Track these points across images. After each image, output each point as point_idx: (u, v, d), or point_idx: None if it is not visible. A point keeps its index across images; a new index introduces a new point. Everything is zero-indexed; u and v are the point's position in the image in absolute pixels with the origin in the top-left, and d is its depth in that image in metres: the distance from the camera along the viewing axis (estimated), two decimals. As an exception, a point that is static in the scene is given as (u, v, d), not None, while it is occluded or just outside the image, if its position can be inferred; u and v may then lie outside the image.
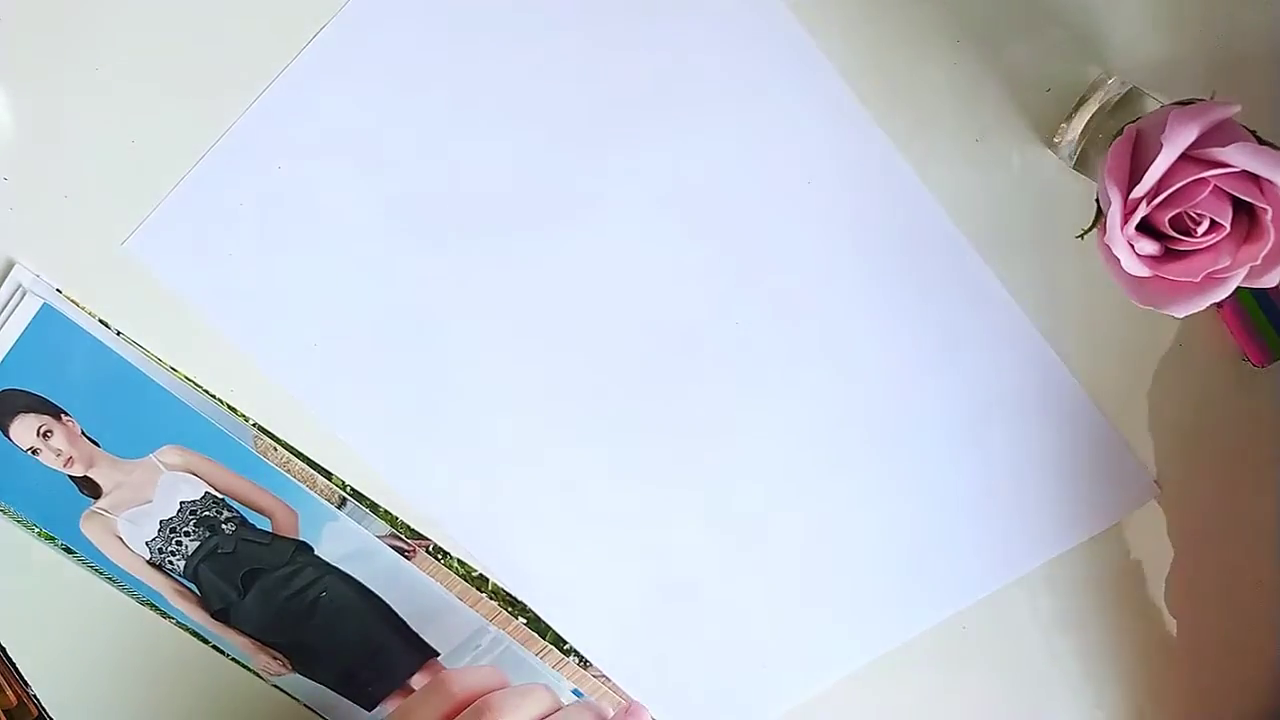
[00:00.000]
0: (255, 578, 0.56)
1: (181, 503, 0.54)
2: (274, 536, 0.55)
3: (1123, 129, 0.44)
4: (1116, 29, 0.50)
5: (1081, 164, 0.50)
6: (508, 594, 0.57)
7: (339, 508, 0.55)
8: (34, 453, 0.53)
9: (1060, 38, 0.50)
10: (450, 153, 0.51)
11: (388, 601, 0.57)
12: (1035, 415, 0.55)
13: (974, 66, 0.51)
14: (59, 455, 0.53)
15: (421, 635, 0.57)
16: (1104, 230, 0.43)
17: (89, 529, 0.55)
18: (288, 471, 0.54)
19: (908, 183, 0.52)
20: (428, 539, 0.56)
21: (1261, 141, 0.42)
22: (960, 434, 0.55)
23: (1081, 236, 0.47)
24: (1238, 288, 0.43)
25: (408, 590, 0.56)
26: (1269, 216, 0.41)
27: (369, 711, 0.59)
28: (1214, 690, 0.60)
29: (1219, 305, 0.54)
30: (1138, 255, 0.43)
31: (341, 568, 0.56)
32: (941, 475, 0.56)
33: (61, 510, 0.54)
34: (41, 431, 0.53)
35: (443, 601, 0.57)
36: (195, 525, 0.55)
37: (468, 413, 0.54)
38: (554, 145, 0.51)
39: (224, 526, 0.55)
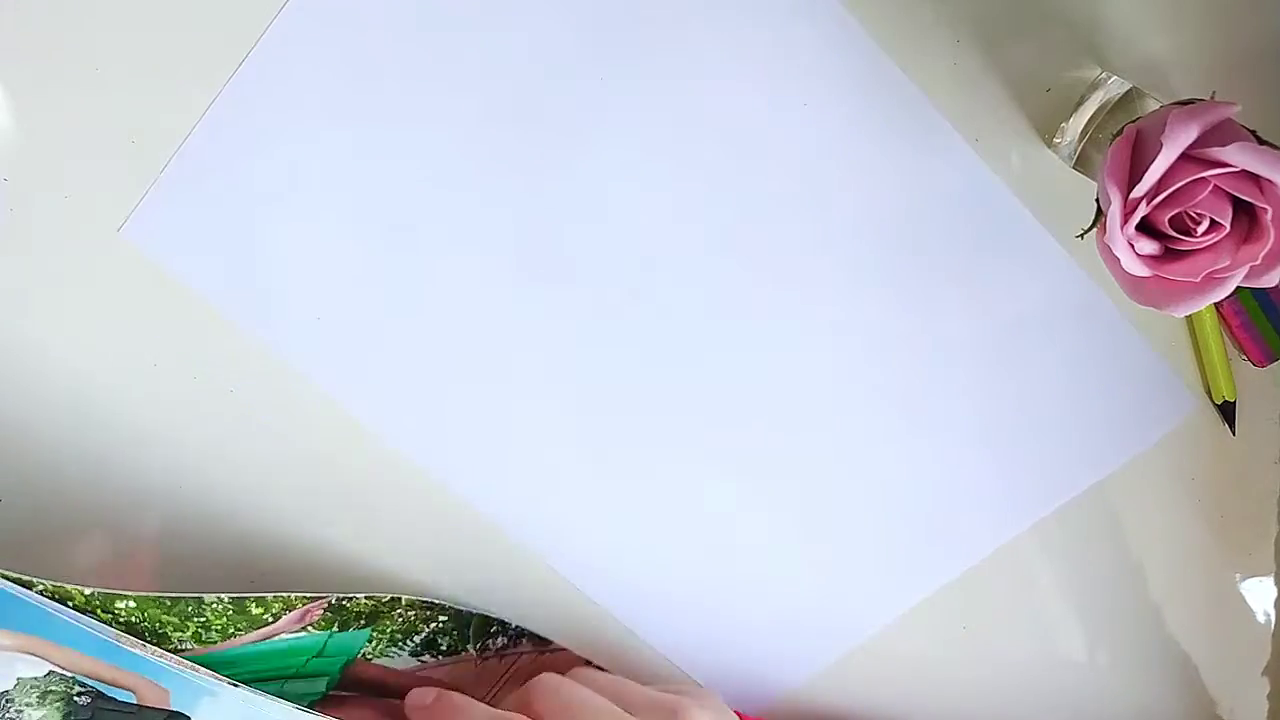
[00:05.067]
0: None
1: (19, 679, 0.45)
2: (140, 707, 0.45)
3: (1123, 129, 0.44)
4: (1116, 29, 0.50)
5: (1081, 164, 0.50)
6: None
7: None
8: None
9: (1060, 38, 0.50)
10: (444, 114, 0.49)
11: None
12: (1065, 333, 0.54)
13: (974, 66, 0.51)
14: None
15: None
16: (1104, 230, 0.43)
17: None
18: (163, 660, 0.45)
19: (914, 97, 0.51)
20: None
21: (1261, 141, 0.42)
22: (989, 354, 0.54)
23: (1081, 236, 0.47)
24: (1238, 288, 0.43)
25: None
26: (1269, 216, 0.41)
27: None
28: (1209, 685, 0.60)
29: (1219, 305, 0.54)
30: (1138, 255, 0.43)
31: None
32: (975, 401, 0.55)
33: None
34: None
35: None
36: (39, 698, 0.45)
37: (480, 390, 0.53)
38: (550, 86, 0.49)
39: (76, 699, 0.45)
